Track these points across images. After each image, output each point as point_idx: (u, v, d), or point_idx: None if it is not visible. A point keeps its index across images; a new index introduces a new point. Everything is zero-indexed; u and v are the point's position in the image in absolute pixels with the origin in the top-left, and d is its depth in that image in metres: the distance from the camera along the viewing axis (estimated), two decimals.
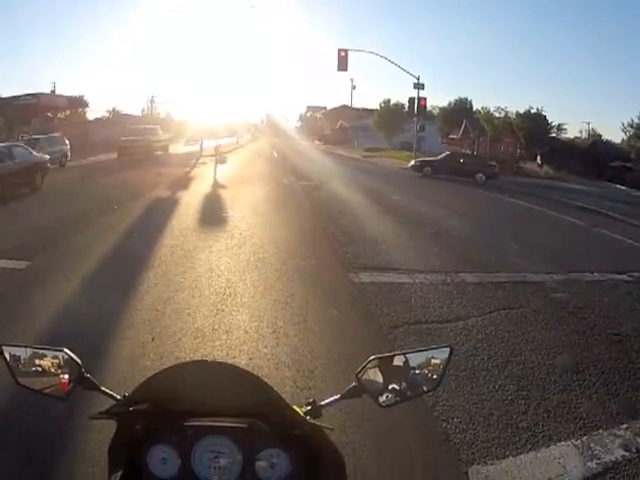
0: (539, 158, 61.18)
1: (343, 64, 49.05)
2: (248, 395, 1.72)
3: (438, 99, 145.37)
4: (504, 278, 10.87)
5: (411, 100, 54.62)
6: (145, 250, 11.67)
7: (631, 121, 62.97)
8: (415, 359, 1.88)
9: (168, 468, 1.73)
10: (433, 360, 1.90)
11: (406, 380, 1.87)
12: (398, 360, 1.87)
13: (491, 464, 4.66)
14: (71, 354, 1.88)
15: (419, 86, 52.73)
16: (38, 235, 12.73)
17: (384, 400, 1.86)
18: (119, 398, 1.82)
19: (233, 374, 1.75)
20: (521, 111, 64.09)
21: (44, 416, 4.72)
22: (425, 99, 54.68)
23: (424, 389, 1.92)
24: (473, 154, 46.37)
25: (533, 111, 63.47)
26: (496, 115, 60.79)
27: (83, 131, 57.74)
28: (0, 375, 2.02)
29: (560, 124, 67.26)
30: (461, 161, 40.28)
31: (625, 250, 16.02)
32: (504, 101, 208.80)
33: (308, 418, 1.78)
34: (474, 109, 69.52)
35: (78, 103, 73.82)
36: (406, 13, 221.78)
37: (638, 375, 6.72)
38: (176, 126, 69.37)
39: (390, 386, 1.86)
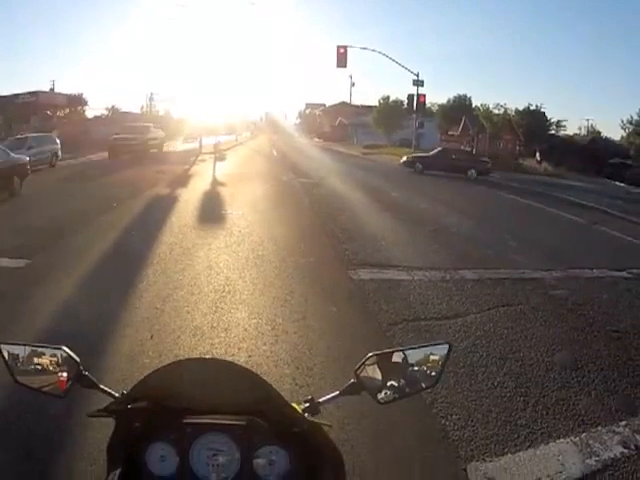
0: (538, 155, 61.14)
1: (342, 61, 49.08)
2: (247, 392, 1.72)
3: (437, 96, 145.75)
4: (503, 275, 10.86)
5: (410, 97, 54.74)
6: (144, 248, 11.67)
7: (630, 118, 63.07)
8: (414, 356, 1.89)
9: (167, 466, 1.73)
10: (432, 357, 1.90)
11: (404, 377, 1.87)
12: (397, 357, 1.88)
13: (490, 461, 4.66)
14: (69, 352, 1.88)
15: (418, 83, 52.85)
16: None
17: (382, 397, 1.86)
18: (117, 396, 1.82)
19: (231, 371, 1.75)
20: (520, 108, 64.18)
21: (43, 414, 4.72)
22: (424, 96, 54.87)
23: (423, 386, 1.92)
24: (465, 150, 46.40)
25: (532, 108, 63.51)
26: (495, 112, 60.86)
27: (82, 129, 57.86)
28: None
29: (559, 121, 67.33)
30: (453, 157, 40.45)
31: (624, 247, 16.01)
32: (503, 98, 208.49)
33: (306, 415, 1.78)
34: (473, 106, 69.51)
35: (77, 101, 73.92)
36: (405, 10, 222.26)
37: (637, 372, 6.71)
38: (175, 124, 69.38)
39: (389, 383, 1.87)
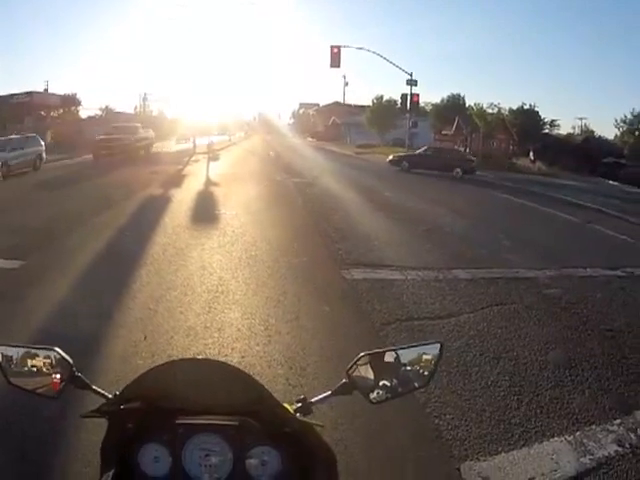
0: (532, 154, 61.32)
1: (336, 61, 49.14)
2: (239, 393, 1.71)
3: (431, 95, 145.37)
4: (497, 274, 10.86)
5: (404, 96, 54.84)
6: (138, 248, 11.65)
7: (624, 117, 63.49)
8: (406, 355, 1.88)
9: (160, 466, 1.72)
10: (424, 356, 1.89)
11: (397, 376, 1.86)
12: (389, 356, 1.87)
13: (484, 460, 4.66)
14: (62, 353, 1.86)
15: (412, 82, 52.95)
16: None
17: (375, 397, 1.85)
18: (110, 397, 1.81)
19: (224, 372, 1.73)
20: (514, 107, 64.39)
21: (37, 416, 4.69)
22: (418, 95, 54.99)
23: (415, 385, 1.91)
24: (451, 149, 46.46)
25: (526, 107, 63.78)
26: (489, 111, 60.89)
27: (76, 129, 57.75)
28: None
29: (553, 120, 67.67)
30: (438, 156, 40.84)
31: (618, 246, 16.03)
32: (497, 97, 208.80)
33: (298, 415, 1.77)
34: (467, 105, 69.59)
35: (71, 101, 73.98)
36: (399, 10, 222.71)
37: (631, 370, 6.73)
38: (169, 124, 69.32)
39: (381, 382, 1.85)
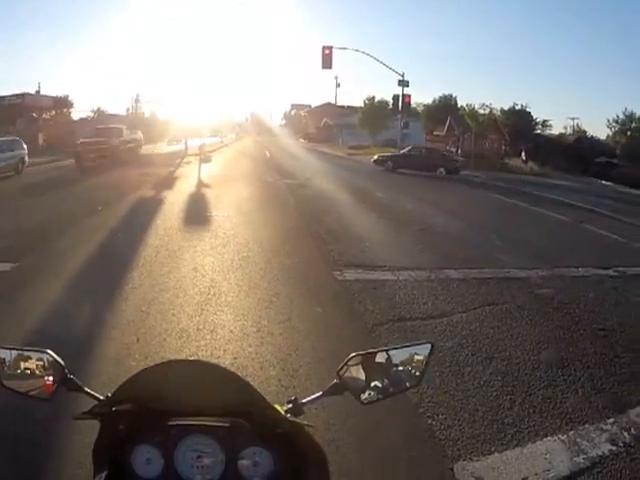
0: (524, 154, 61.50)
1: (327, 62, 49.08)
2: (231, 394, 1.70)
3: (423, 96, 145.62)
4: (489, 274, 10.87)
5: (395, 97, 54.88)
6: (130, 250, 11.61)
7: (616, 117, 63.83)
8: (397, 356, 1.87)
9: (152, 468, 1.71)
10: (415, 356, 1.89)
11: (388, 377, 1.86)
12: (380, 357, 1.86)
13: (477, 460, 4.66)
14: (54, 355, 1.86)
15: (403, 83, 52.93)
16: None
17: (366, 397, 1.85)
18: (102, 398, 1.80)
19: (215, 373, 1.73)
20: (506, 108, 64.59)
21: (30, 418, 4.67)
22: (409, 96, 55.01)
23: (406, 385, 1.90)
24: (435, 149, 46.75)
25: (518, 107, 64.01)
26: (481, 112, 61.01)
27: (68, 131, 57.60)
28: None
29: (545, 120, 67.94)
30: (422, 156, 41.43)
31: (611, 245, 16.05)
32: (489, 98, 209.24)
33: (289, 416, 1.76)
34: (459, 106, 69.79)
35: (63, 103, 73.87)
36: (390, 10, 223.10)
37: (624, 369, 6.74)
38: (161, 125, 69.22)
39: (372, 383, 1.85)
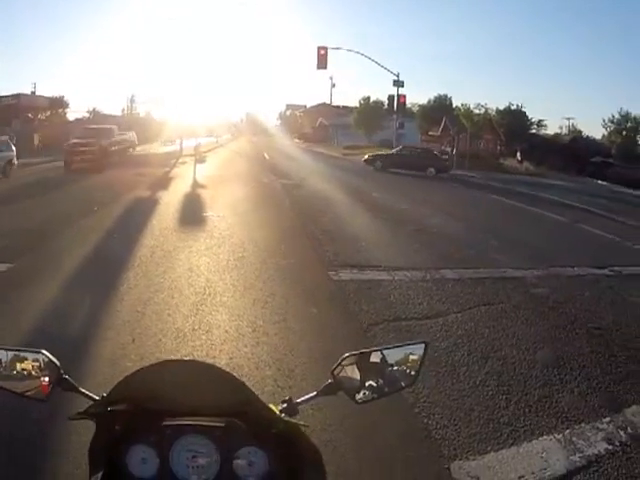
0: (519, 154, 61.59)
1: (323, 62, 49.09)
2: (225, 394, 1.69)
3: (418, 96, 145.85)
4: (484, 274, 10.87)
5: (390, 97, 54.91)
6: (125, 251, 11.60)
7: (612, 117, 64.01)
8: (391, 355, 1.86)
9: (148, 468, 1.71)
10: (410, 356, 1.88)
11: (382, 376, 1.85)
12: (374, 357, 1.85)
13: (473, 459, 4.65)
14: (50, 356, 1.85)
15: (399, 83, 52.98)
16: None
17: (360, 397, 1.84)
18: (97, 398, 1.79)
19: (210, 373, 1.72)
20: (501, 108, 64.64)
21: (26, 418, 4.66)
22: (405, 96, 55.09)
23: (401, 385, 1.90)
24: (425, 148, 47.03)
25: (513, 107, 64.05)
26: (476, 112, 61.09)
27: (63, 132, 57.53)
28: None
29: (540, 120, 68.03)
30: (412, 155, 42.07)
31: (606, 245, 16.08)
32: (484, 98, 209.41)
33: (283, 416, 1.76)
34: (454, 106, 69.80)
35: (59, 104, 73.82)
36: (385, 11, 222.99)
37: (619, 368, 6.75)
38: (156, 125, 69.16)
39: (367, 383, 1.84)
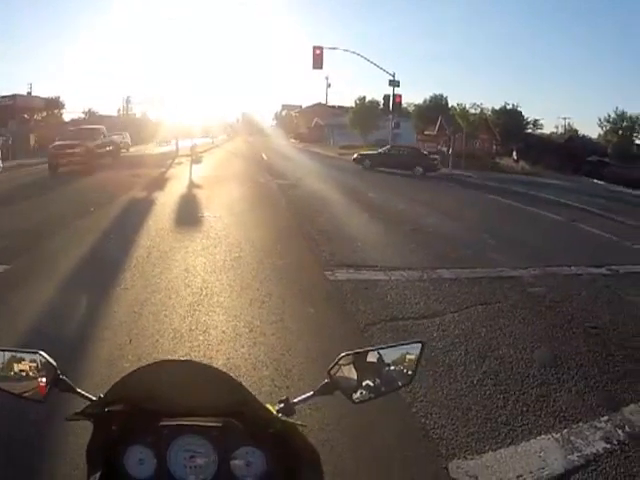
0: (515, 154, 61.75)
1: (318, 62, 49.04)
2: (222, 394, 1.69)
3: (413, 96, 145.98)
4: (481, 273, 10.89)
5: (386, 97, 54.90)
6: (121, 251, 11.60)
7: (607, 116, 64.22)
8: (388, 355, 1.86)
9: (145, 468, 1.71)
10: (407, 355, 1.88)
11: (379, 376, 1.85)
12: (371, 356, 1.85)
13: (471, 459, 4.65)
14: (46, 356, 1.85)
15: (394, 83, 52.97)
16: None
17: (357, 396, 1.84)
18: (94, 399, 1.79)
19: (207, 373, 1.72)
20: (497, 107, 64.76)
21: (23, 419, 4.66)
22: (400, 96, 55.03)
23: (398, 384, 1.90)
24: (413, 147, 47.20)
25: (509, 107, 64.19)
26: (472, 111, 61.17)
27: (60, 132, 57.49)
28: None
29: (536, 120, 68.18)
30: (399, 154, 42.48)
31: (603, 244, 16.09)
32: (480, 97, 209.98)
33: (280, 416, 1.75)
34: (450, 106, 69.87)
35: (54, 104, 73.93)
36: (381, 10, 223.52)
37: (617, 367, 6.76)
38: (152, 126, 69.23)
39: (363, 382, 1.84)
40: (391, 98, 53.75)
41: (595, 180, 47.51)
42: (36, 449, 4.52)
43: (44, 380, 1.83)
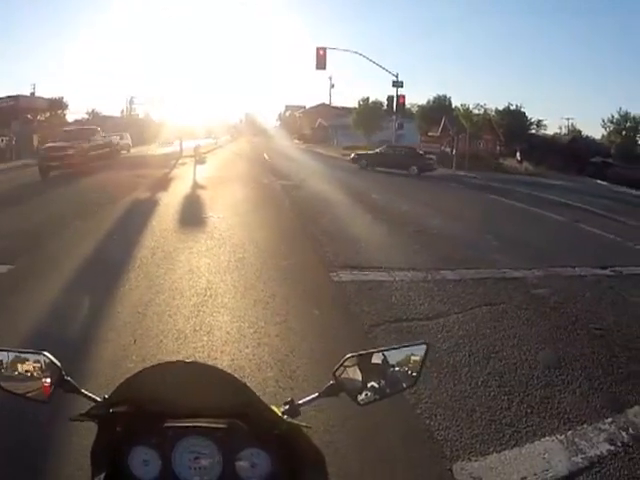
0: (518, 154, 61.70)
1: (322, 63, 49.08)
2: (227, 396, 1.69)
3: (417, 97, 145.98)
4: (485, 274, 10.85)
5: (390, 98, 54.92)
6: (125, 252, 11.60)
7: (611, 117, 64.13)
8: (393, 356, 1.86)
9: (150, 469, 1.71)
10: (411, 357, 1.88)
11: (384, 377, 1.85)
12: (376, 358, 1.85)
13: (475, 460, 4.65)
14: (51, 357, 1.85)
15: (398, 84, 52.98)
16: None
17: (362, 398, 1.84)
18: (99, 400, 1.79)
19: (211, 375, 1.72)
20: (500, 108, 64.71)
21: (27, 420, 4.65)
22: (404, 97, 55.07)
23: (403, 386, 1.90)
24: (409, 147, 47.20)
25: (512, 108, 64.15)
26: (475, 112, 61.10)
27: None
28: None
29: (539, 120, 68.12)
30: (395, 154, 42.97)
31: (607, 245, 16.03)
32: (483, 98, 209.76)
33: (285, 417, 1.75)
34: (453, 106, 69.80)
35: (58, 105, 73.87)
36: (385, 11, 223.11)
37: (621, 369, 6.74)
38: (155, 127, 69.24)
39: (368, 384, 1.84)
40: (395, 99, 53.78)
41: (598, 181, 47.46)
42: (40, 450, 4.52)
43: (48, 380, 1.83)
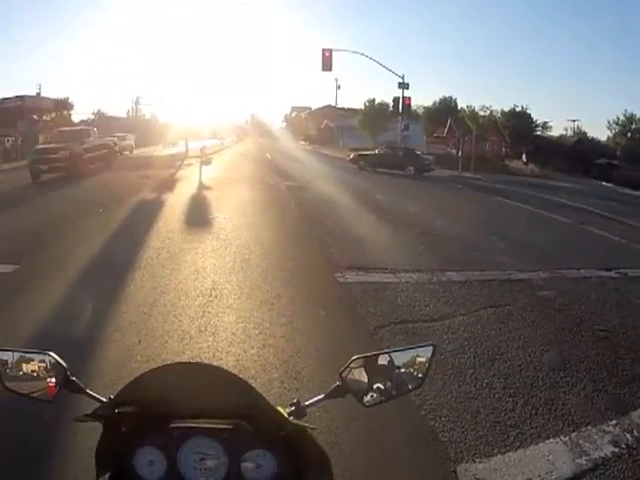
0: (524, 156, 61.59)
1: (327, 64, 49.12)
2: (233, 397, 1.70)
3: (423, 98, 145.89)
4: (490, 276, 10.84)
5: (396, 99, 54.95)
6: (131, 252, 11.62)
7: (616, 119, 64.00)
8: (399, 358, 1.87)
9: (155, 470, 1.71)
10: (417, 358, 1.88)
11: (390, 379, 1.85)
12: (382, 359, 1.86)
13: (479, 462, 4.65)
14: (56, 357, 1.86)
15: (404, 85, 52.96)
16: None
17: (368, 400, 1.84)
18: (104, 400, 1.80)
19: (217, 376, 1.73)
20: (506, 109, 64.63)
21: (32, 420, 4.66)
22: (410, 98, 55.00)
23: (408, 387, 1.90)
24: (407, 148, 47.25)
25: (518, 109, 64.08)
26: (481, 114, 60.98)
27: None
28: None
29: (545, 122, 68.02)
30: (393, 155, 43.54)
31: (612, 247, 16.00)
32: (489, 100, 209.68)
33: (291, 418, 1.76)
34: (459, 108, 69.70)
35: (63, 105, 73.97)
36: (391, 12, 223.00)
37: (626, 371, 6.73)
38: (161, 127, 69.30)
39: (374, 385, 1.84)
40: (400, 100, 53.74)
41: (604, 182, 47.35)
42: (44, 450, 4.53)
43: (53, 381, 1.84)
